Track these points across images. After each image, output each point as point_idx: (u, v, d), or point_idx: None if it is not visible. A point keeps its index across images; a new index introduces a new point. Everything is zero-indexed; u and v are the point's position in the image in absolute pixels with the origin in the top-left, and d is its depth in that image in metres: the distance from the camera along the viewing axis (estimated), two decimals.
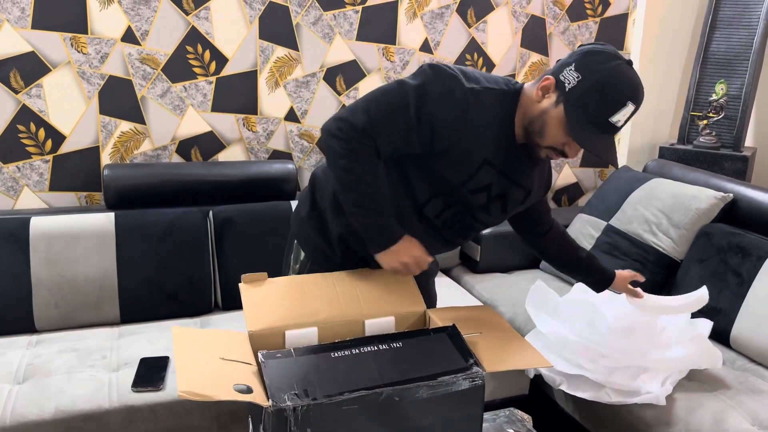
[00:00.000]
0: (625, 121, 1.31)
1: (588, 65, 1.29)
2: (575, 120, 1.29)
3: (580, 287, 2.17)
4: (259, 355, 1.12)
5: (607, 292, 1.75)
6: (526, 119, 1.37)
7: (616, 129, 1.31)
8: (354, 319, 1.33)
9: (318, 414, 1.05)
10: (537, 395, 2.14)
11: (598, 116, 1.29)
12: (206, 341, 1.22)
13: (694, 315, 2.09)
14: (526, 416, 1.48)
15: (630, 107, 1.29)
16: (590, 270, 1.71)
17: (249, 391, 1.06)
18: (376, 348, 1.17)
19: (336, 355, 1.14)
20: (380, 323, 1.34)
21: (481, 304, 2.38)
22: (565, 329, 1.92)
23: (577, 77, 1.29)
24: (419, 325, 1.38)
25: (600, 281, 1.72)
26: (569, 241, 1.70)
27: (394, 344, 1.18)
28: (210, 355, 1.16)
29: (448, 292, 2.42)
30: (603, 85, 1.28)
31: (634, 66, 1.32)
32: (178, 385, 1.03)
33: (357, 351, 1.15)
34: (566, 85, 1.30)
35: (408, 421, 1.12)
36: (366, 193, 1.38)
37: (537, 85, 1.35)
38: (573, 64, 1.31)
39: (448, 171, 1.39)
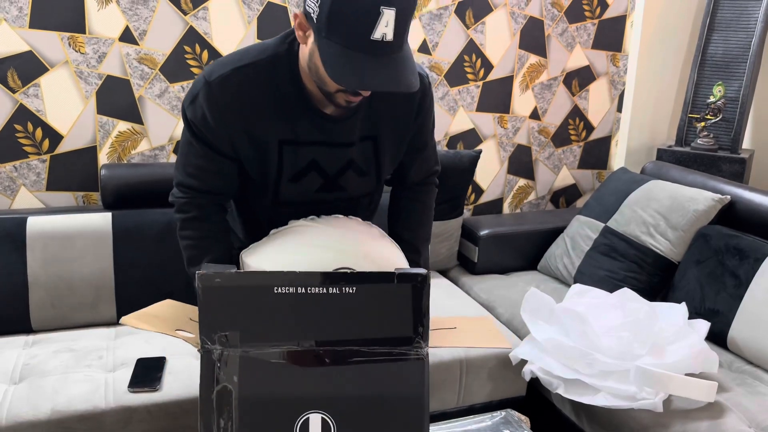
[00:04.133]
0: (397, 30, 1.05)
1: None
2: (330, 54, 1.07)
3: (576, 289, 2.17)
4: (197, 275, 1.02)
5: (598, 300, 1.70)
6: (308, 70, 1.17)
7: (387, 45, 1.06)
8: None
9: (245, 364, 1.04)
10: (534, 397, 2.14)
11: (355, 39, 1.05)
12: (170, 311, 1.26)
13: (691, 316, 2.10)
14: (523, 417, 1.48)
15: (387, 12, 1.02)
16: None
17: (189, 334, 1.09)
18: (324, 291, 1.06)
19: (279, 291, 1.06)
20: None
21: (484, 311, 2.34)
22: (560, 335, 1.92)
23: (316, 1, 1.06)
24: None
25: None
26: (412, 217, 1.48)
27: (347, 289, 1.07)
28: (166, 318, 1.20)
29: (446, 294, 2.42)
30: (341, 0, 1.03)
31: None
32: (122, 317, 1.10)
33: (303, 291, 1.06)
34: (312, 15, 1.08)
35: (340, 385, 1.06)
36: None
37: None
38: None
39: (256, 172, 1.29)
